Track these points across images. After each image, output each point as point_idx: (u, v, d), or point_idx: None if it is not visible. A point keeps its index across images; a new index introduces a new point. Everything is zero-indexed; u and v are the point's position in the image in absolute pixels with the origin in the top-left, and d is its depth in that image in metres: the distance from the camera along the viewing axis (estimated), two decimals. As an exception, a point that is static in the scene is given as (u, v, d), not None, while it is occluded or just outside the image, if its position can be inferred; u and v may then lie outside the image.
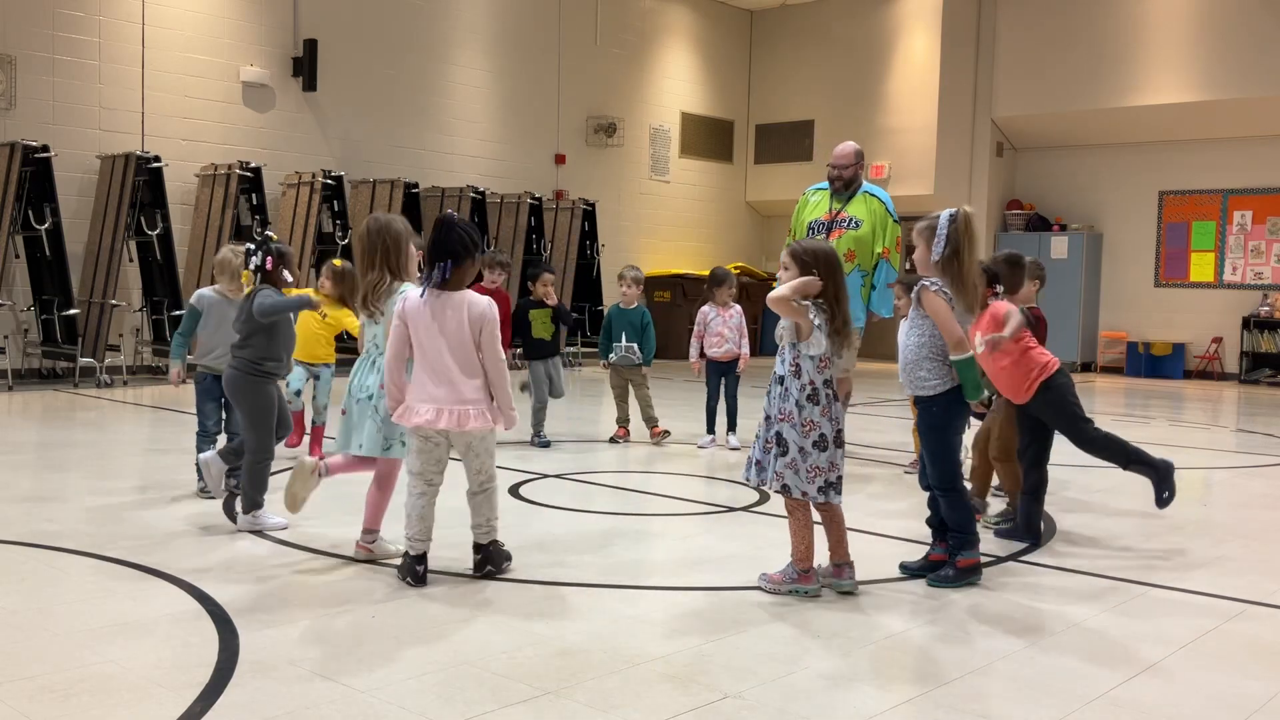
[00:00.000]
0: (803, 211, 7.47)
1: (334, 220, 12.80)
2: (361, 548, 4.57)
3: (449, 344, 4.12)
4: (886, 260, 7.14)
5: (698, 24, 18.18)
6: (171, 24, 12.09)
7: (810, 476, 4.09)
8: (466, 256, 4.13)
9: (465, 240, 4.13)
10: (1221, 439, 9.62)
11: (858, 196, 7.24)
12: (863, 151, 7.46)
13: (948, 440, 4.41)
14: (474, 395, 4.15)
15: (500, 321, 4.34)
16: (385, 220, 4.56)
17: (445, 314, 4.12)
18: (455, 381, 4.13)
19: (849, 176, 7.26)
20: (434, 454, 4.26)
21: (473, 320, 4.13)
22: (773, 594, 4.18)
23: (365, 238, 4.53)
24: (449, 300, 4.13)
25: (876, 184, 8.29)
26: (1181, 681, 3.40)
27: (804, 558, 4.19)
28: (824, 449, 4.10)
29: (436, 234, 4.14)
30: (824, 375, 4.13)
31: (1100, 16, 15.64)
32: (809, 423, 4.09)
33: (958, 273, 4.27)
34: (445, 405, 4.13)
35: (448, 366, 4.13)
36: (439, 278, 4.10)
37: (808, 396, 4.10)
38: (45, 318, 10.96)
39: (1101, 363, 16.78)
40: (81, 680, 3.13)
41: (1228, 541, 5.37)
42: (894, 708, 3.12)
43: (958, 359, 4.27)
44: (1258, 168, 15.52)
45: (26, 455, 7.12)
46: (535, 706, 3.04)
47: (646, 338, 8.04)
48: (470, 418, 4.13)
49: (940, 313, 4.28)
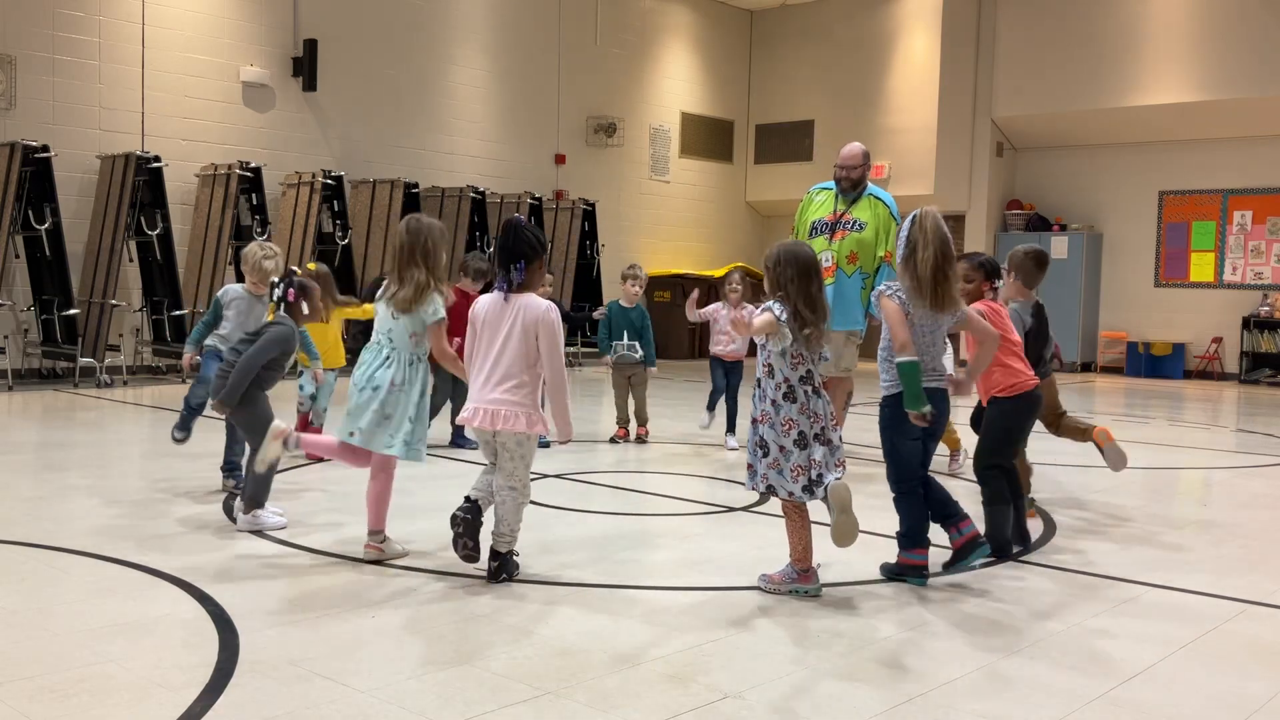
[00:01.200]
0: (806, 211, 7.48)
1: (334, 220, 12.80)
2: (371, 548, 4.58)
3: (509, 345, 4.17)
4: (889, 264, 7.15)
5: (698, 24, 18.18)
6: (171, 24, 12.09)
7: (794, 475, 4.12)
8: (535, 258, 4.22)
9: (534, 241, 4.22)
10: (1221, 439, 9.62)
11: (863, 199, 7.26)
12: (869, 153, 7.47)
13: (896, 441, 4.41)
14: (511, 397, 4.16)
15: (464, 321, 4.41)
16: (428, 223, 4.61)
17: (511, 316, 4.18)
18: (499, 382, 4.18)
19: (856, 177, 7.28)
20: (485, 448, 4.34)
21: (527, 325, 4.17)
22: (773, 594, 4.18)
23: (407, 236, 4.56)
24: (516, 302, 4.20)
25: (878, 184, 8.30)
26: (1181, 681, 3.40)
27: (802, 557, 4.21)
28: (804, 446, 4.11)
29: (505, 238, 4.22)
30: (799, 372, 4.14)
31: (1100, 16, 15.64)
32: (787, 421, 4.12)
33: (914, 271, 4.29)
34: (483, 405, 4.18)
35: (499, 367, 4.18)
36: (517, 279, 4.18)
37: (784, 395, 4.13)
38: (45, 318, 10.96)
39: (1101, 363, 16.78)
40: (81, 680, 3.13)
41: (1228, 541, 5.37)
42: (894, 707, 3.12)
43: (900, 361, 4.27)
44: (1258, 168, 15.52)
45: (26, 455, 7.12)
46: (535, 706, 3.04)
47: (646, 338, 8.06)
48: (500, 418, 4.16)
49: (889, 316, 4.32)
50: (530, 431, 4.21)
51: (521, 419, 4.17)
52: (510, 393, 4.16)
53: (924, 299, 4.29)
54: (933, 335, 4.37)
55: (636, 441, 8.03)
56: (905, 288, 4.33)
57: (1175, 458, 8.34)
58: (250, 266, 6.03)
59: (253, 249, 6.09)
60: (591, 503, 6.03)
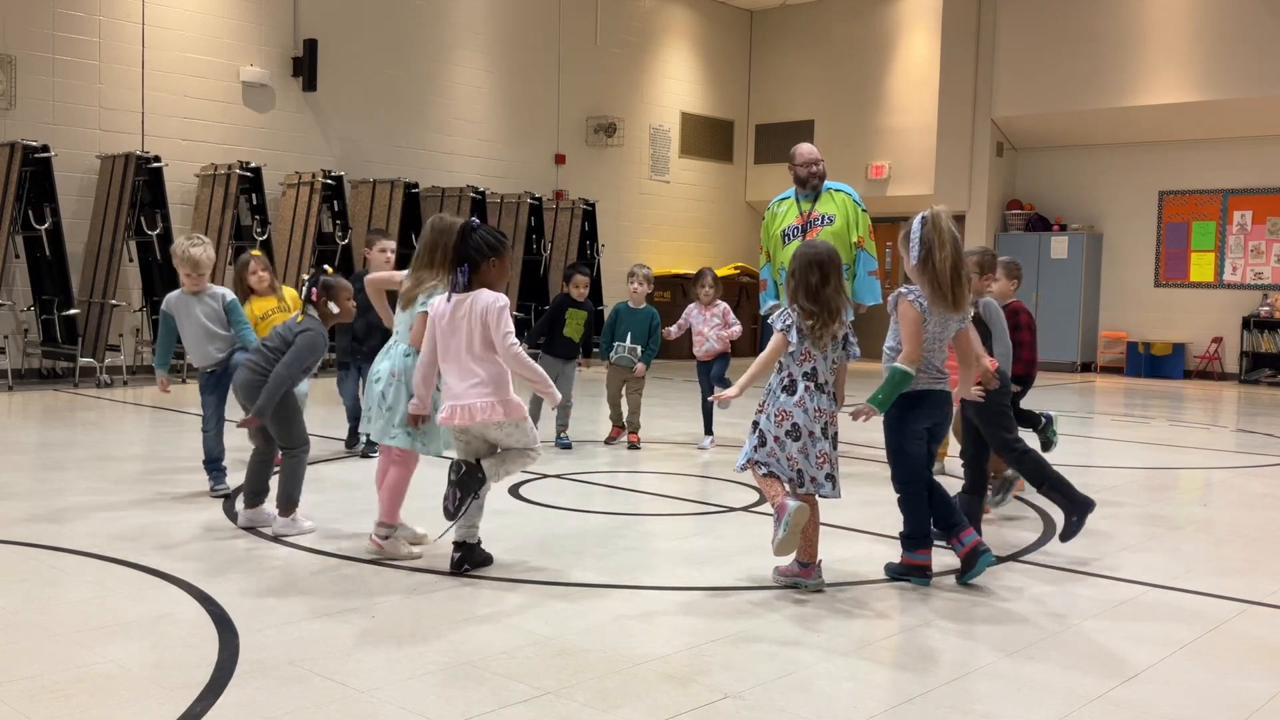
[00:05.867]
0: (772, 225, 7.60)
1: (334, 220, 12.80)
2: (374, 542, 4.59)
3: (465, 343, 4.25)
4: (863, 249, 7.33)
5: (698, 24, 18.18)
6: (171, 24, 12.09)
7: (789, 466, 4.17)
8: (482, 259, 4.28)
9: (480, 244, 4.27)
10: (1221, 439, 9.62)
11: (824, 194, 7.45)
12: None
13: (901, 441, 4.40)
14: (483, 389, 4.23)
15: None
16: (449, 223, 4.67)
17: (462, 315, 4.26)
18: (466, 378, 4.25)
19: (823, 170, 7.45)
20: (465, 450, 4.36)
21: (476, 317, 4.24)
22: (778, 586, 4.25)
23: (429, 236, 4.71)
24: (466, 300, 4.27)
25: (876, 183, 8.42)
26: (1181, 681, 3.40)
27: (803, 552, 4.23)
28: (796, 439, 4.13)
29: (455, 241, 4.32)
30: (804, 368, 4.18)
31: (1100, 16, 15.64)
32: (781, 412, 4.17)
33: (933, 274, 4.27)
34: (459, 403, 4.24)
35: (462, 365, 4.26)
36: (462, 282, 4.28)
37: (783, 387, 4.20)
38: (45, 318, 10.96)
39: (1101, 363, 16.77)
40: (81, 680, 3.13)
41: (1228, 541, 5.37)
42: (894, 707, 3.12)
43: (896, 367, 4.26)
44: (1258, 168, 15.53)
45: (26, 455, 7.12)
46: (535, 706, 3.04)
47: (654, 339, 7.94)
48: (478, 411, 4.22)
49: (906, 323, 4.28)
50: (512, 417, 4.29)
51: (499, 408, 4.25)
52: (481, 386, 4.24)
53: (945, 300, 4.25)
54: (941, 338, 4.35)
55: (628, 448, 7.84)
56: (925, 292, 4.28)
57: (1175, 458, 8.33)
58: (180, 258, 5.80)
59: (178, 241, 5.90)
60: (591, 503, 6.03)
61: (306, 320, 4.96)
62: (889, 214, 17.14)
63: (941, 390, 4.38)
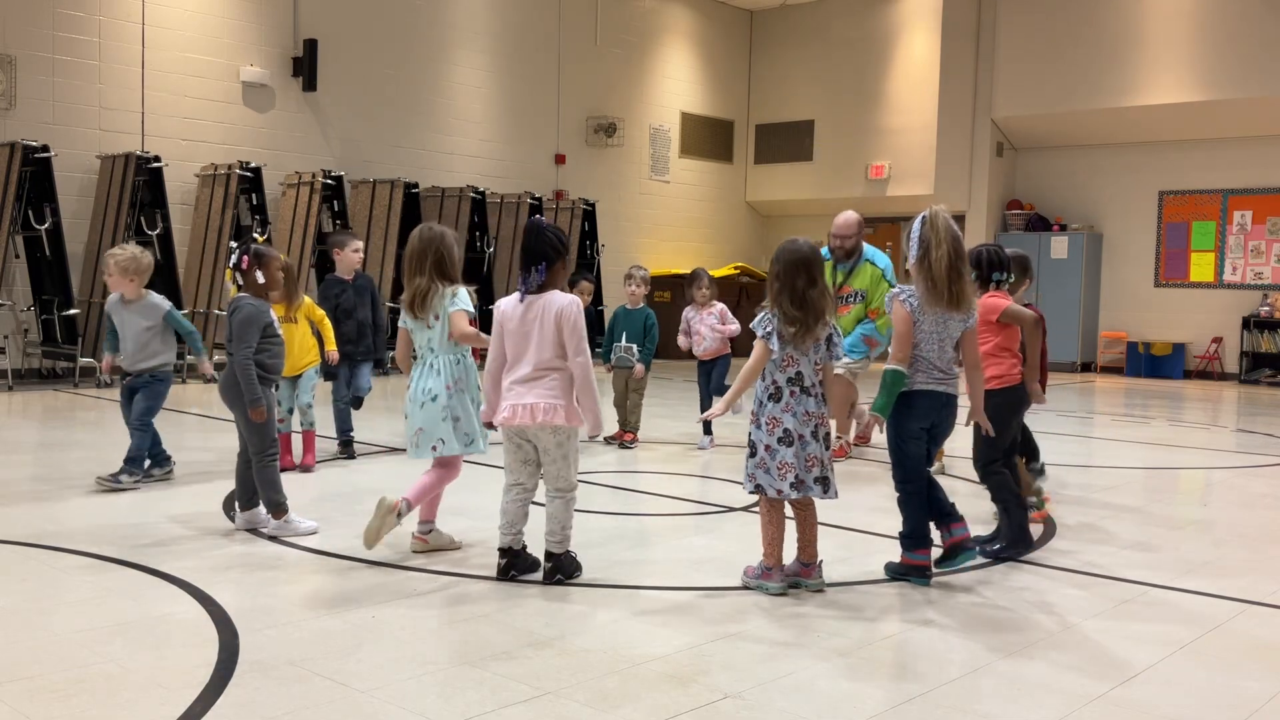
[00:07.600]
0: None
1: (334, 220, 12.80)
2: (418, 539, 4.67)
3: (535, 344, 4.19)
4: (871, 320, 7.40)
5: (698, 24, 18.18)
6: (171, 24, 12.09)
7: (781, 473, 4.14)
8: (558, 259, 4.24)
9: (555, 243, 4.24)
10: (1221, 439, 9.62)
11: (860, 267, 7.46)
12: (863, 221, 7.59)
13: (902, 442, 4.41)
14: (546, 392, 4.18)
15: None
16: (439, 231, 4.68)
17: (537, 314, 4.20)
18: (533, 380, 4.19)
19: (850, 247, 7.47)
20: (518, 454, 4.33)
21: (553, 320, 4.18)
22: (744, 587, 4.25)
23: (417, 245, 4.65)
24: (539, 301, 4.21)
25: (878, 183, 8.42)
26: (1181, 681, 3.40)
27: (768, 555, 4.24)
28: (789, 444, 4.13)
29: (527, 239, 4.23)
30: (787, 374, 4.18)
31: (1100, 16, 15.64)
32: (771, 420, 4.16)
33: (929, 271, 4.28)
34: (520, 403, 4.20)
35: (530, 365, 4.20)
36: (536, 282, 4.20)
37: (769, 395, 4.19)
38: (45, 318, 10.96)
39: (1101, 363, 16.77)
40: (81, 680, 3.13)
41: (1228, 541, 5.36)
42: (894, 707, 3.12)
43: (889, 368, 4.31)
44: (1258, 168, 15.52)
45: (26, 455, 7.12)
46: (535, 706, 3.04)
47: (650, 339, 7.95)
48: (540, 411, 4.17)
49: (897, 322, 4.35)
50: (569, 425, 4.23)
51: (560, 413, 4.19)
52: (545, 388, 4.18)
53: (940, 299, 4.27)
54: (942, 337, 4.34)
55: (620, 446, 7.80)
56: (920, 291, 4.31)
57: (1175, 458, 8.34)
58: (107, 268, 5.98)
59: (109, 252, 6.04)
60: (591, 503, 6.02)
61: (235, 299, 4.96)
62: (889, 214, 17.17)
63: (942, 391, 4.37)
